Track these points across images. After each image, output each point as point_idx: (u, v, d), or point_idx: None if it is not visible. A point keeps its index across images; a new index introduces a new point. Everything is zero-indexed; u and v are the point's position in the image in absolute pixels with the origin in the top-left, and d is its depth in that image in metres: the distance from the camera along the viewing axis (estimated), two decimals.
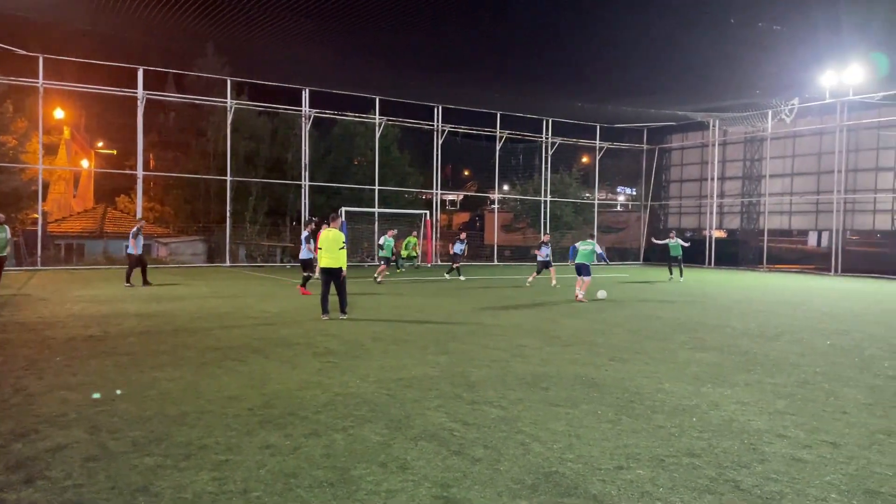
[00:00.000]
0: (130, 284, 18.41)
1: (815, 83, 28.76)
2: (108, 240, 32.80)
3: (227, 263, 29.46)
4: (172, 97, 31.07)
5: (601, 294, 17.56)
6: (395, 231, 24.52)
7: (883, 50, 23.36)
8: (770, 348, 10.12)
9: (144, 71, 27.46)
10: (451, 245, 24.15)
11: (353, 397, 6.65)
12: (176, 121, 36.90)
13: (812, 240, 45.88)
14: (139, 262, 18.90)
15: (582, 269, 17.23)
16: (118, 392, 6.67)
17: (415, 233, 30.58)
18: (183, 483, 4.37)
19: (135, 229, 19.00)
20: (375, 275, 21.74)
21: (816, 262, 35.96)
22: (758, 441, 5.50)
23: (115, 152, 42.49)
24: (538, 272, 21.09)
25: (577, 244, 17.75)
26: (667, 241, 25.66)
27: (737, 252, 37.12)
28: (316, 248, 13.07)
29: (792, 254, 39.56)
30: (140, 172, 27.99)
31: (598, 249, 17.47)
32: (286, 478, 4.49)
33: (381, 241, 22.30)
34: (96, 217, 35.93)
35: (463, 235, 25.12)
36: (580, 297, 16.96)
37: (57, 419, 5.75)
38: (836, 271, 31.34)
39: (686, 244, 26.01)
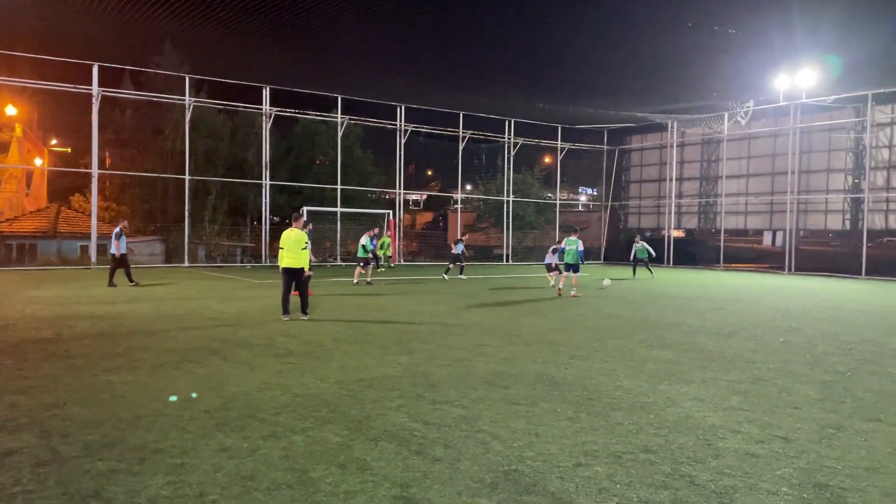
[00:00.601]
0: (136, 283, 18.64)
1: (769, 86, 29.45)
2: (62, 240, 31.99)
3: (186, 264, 28.98)
4: (129, 94, 30.42)
5: (606, 282, 19.17)
6: (377, 230, 24.55)
7: (834, 52, 24.01)
8: (726, 345, 10.33)
9: (100, 67, 26.87)
10: (453, 245, 24.51)
11: (312, 398, 6.60)
12: (133, 118, 36.08)
13: (767, 239, 46.93)
14: (121, 263, 18.75)
15: (570, 267, 18.19)
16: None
17: (389, 233, 30.76)
18: (136, 488, 4.28)
19: (117, 230, 18.92)
20: (367, 279, 21.47)
21: (771, 261, 36.86)
22: (712, 437, 5.61)
23: (69, 150, 41.43)
24: (549, 271, 21.58)
25: (562, 245, 18.65)
26: (634, 247, 26.50)
27: (694, 251, 37.83)
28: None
29: (748, 253, 40.48)
30: (95, 171, 27.36)
31: (580, 248, 18.18)
32: (243, 480, 4.43)
33: (362, 242, 22.03)
34: (49, 216, 35.00)
35: (466, 237, 25.38)
36: (574, 293, 17.97)
37: (6, 424, 5.59)
38: (789, 270, 32.14)
39: (650, 249, 26.59)
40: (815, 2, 18.64)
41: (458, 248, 24.39)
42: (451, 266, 24.30)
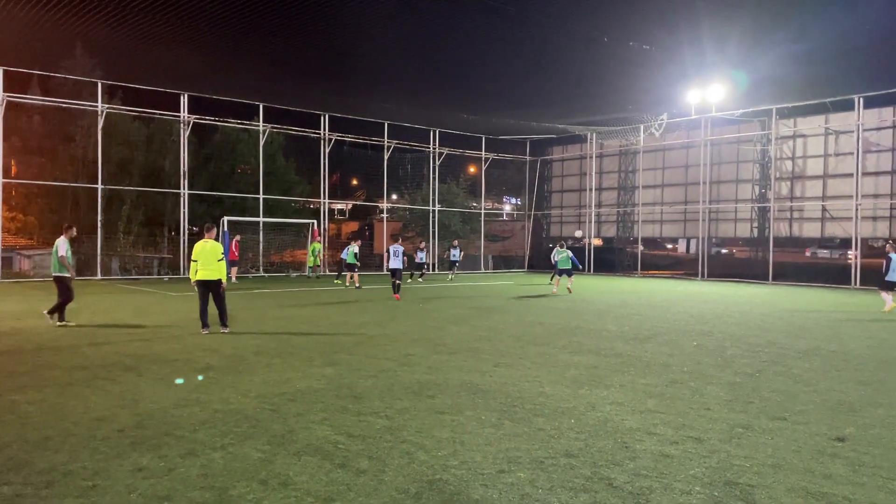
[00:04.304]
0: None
1: (681, 100, 30.67)
2: None
3: (99, 277, 27.82)
4: (37, 100, 29.00)
5: (577, 233, 21.51)
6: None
7: (740, 68, 25.25)
8: (643, 350, 10.68)
9: (5, 71, 25.59)
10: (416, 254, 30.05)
11: (233, 414, 6.45)
12: (41, 125, 34.33)
13: (682, 247, 48.70)
14: None
15: (564, 272, 22.47)
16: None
17: (318, 238, 31.88)
18: None
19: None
20: (356, 284, 24.36)
21: (685, 267, 38.35)
22: (630, 439, 5.79)
23: None
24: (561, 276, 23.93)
25: (554, 255, 23.02)
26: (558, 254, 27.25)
27: (613, 259, 38.90)
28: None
29: (664, 260, 41.97)
30: None
31: (571, 255, 22.63)
32: (159, 501, 4.29)
33: (354, 250, 24.97)
34: None
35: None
36: (568, 288, 22.49)
37: None
38: (702, 276, 33.47)
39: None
40: (721, 20, 19.58)
41: (420, 257, 28.92)
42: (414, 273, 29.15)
